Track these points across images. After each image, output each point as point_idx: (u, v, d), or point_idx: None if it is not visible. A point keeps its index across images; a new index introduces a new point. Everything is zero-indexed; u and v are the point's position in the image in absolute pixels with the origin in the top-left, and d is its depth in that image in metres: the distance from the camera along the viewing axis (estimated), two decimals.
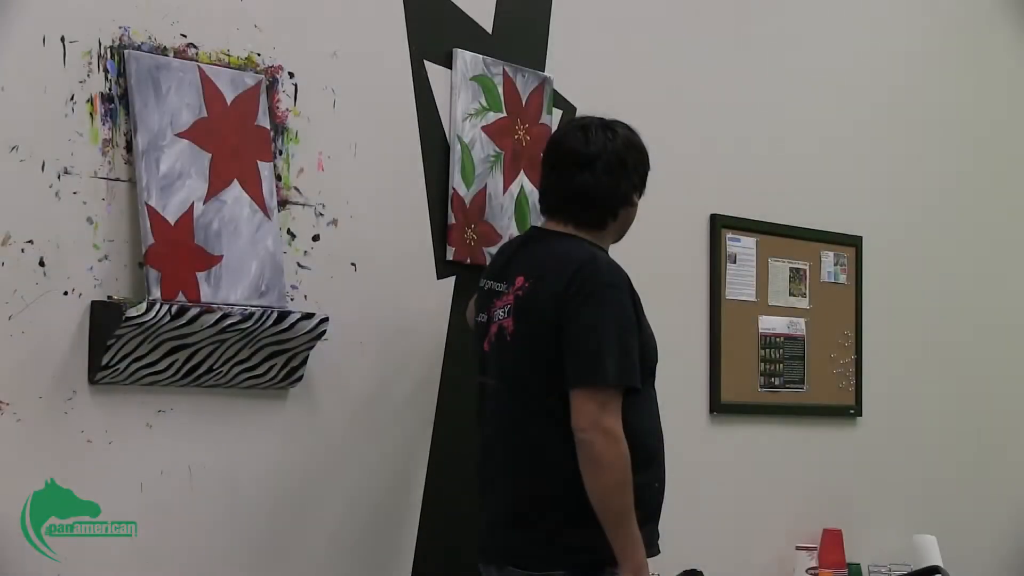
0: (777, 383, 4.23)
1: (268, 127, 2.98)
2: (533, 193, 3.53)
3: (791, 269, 4.29)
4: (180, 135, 2.81)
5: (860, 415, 4.51)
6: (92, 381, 2.71)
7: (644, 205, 3.06)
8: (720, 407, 4.04)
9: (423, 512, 3.30)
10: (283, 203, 3.02)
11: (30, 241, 2.64)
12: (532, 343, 2.82)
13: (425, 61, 3.34)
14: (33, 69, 2.66)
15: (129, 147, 2.76)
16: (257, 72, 2.98)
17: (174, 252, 2.76)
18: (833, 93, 4.51)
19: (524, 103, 3.54)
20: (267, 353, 2.93)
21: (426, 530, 3.30)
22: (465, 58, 3.40)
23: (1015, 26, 5.10)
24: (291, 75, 3.05)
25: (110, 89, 2.75)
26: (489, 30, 3.49)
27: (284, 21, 3.05)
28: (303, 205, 3.07)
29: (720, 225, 4.06)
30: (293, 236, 3.05)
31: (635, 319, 2.81)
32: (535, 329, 2.82)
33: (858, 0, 4.64)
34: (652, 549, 2.86)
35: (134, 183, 2.76)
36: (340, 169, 3.14)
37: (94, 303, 2.70)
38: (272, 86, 3.01)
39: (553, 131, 3.61)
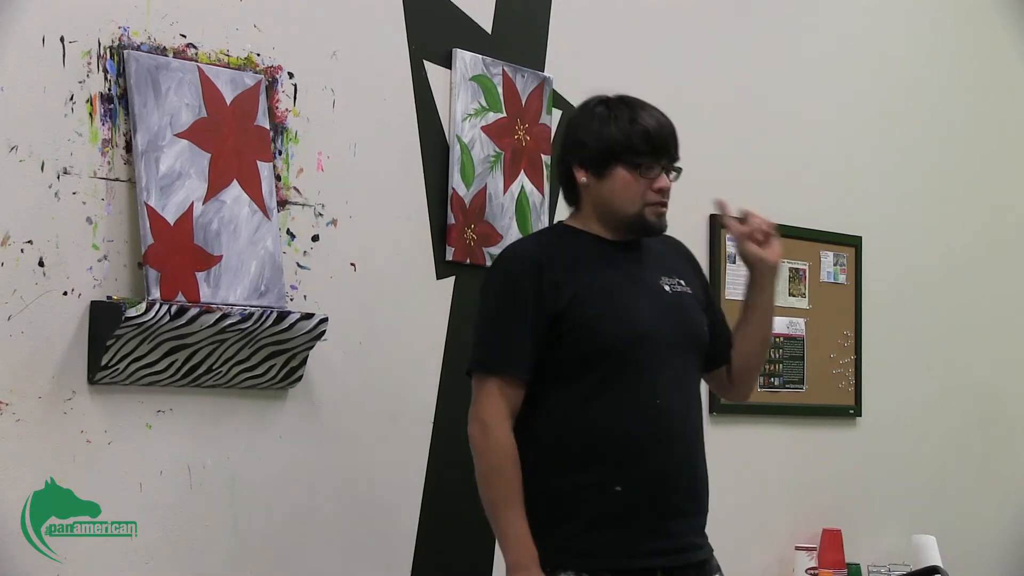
0: (777, 383, 4.23)
1: (268, 127, 2.98)
2: (534, 193, 3.54)
3: (790, 269, 4.29)
4: (179, 135, 2.81)
5: (860, 415, 4.51)
6: (92, 381, 2.71)
7: None
8: (720, 407, 4.03)
9: (423, 512, 3.30)
10: (283, 203, 3.03)
11: (29, 241, 2.64)
12: None
13: (424, 61, 3.34)
14: (33, 69, 2.66)
15: (129, 147, 2.76)
16: (256, 72, 2.98)
17: (173, 252, 2.76)
18: (833, 93, 4.51)
19: (524, 103, 3.54)
20: (266, 353, 2.93)
21: (426, 530, 3.30)
22: (464, 58, 3.40)
23: (1016, 24, 5.10)
24: (291, 75, 3.06)
25: (109, 89, 2.75)
26: (489, 30, 3.49)
27: (284, 21, 3.05)
28: (303, 205, 3.08)
29: (720, 225, 4.06)
30: (293, 236, 3.05)
31: (528, 301, 2.63)
32: None
33: (858, 1, 4.64)
34: (597, 559, 2.63)
35: (134, 183, 2.76)
36: (340, 169, 3.14)
37: (94, 303, 2.70)
38: (272, 86, 3.01)
39: (553, 131, 3.62)
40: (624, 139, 2.70)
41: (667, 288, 2.78)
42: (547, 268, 2.67)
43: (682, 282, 2.82)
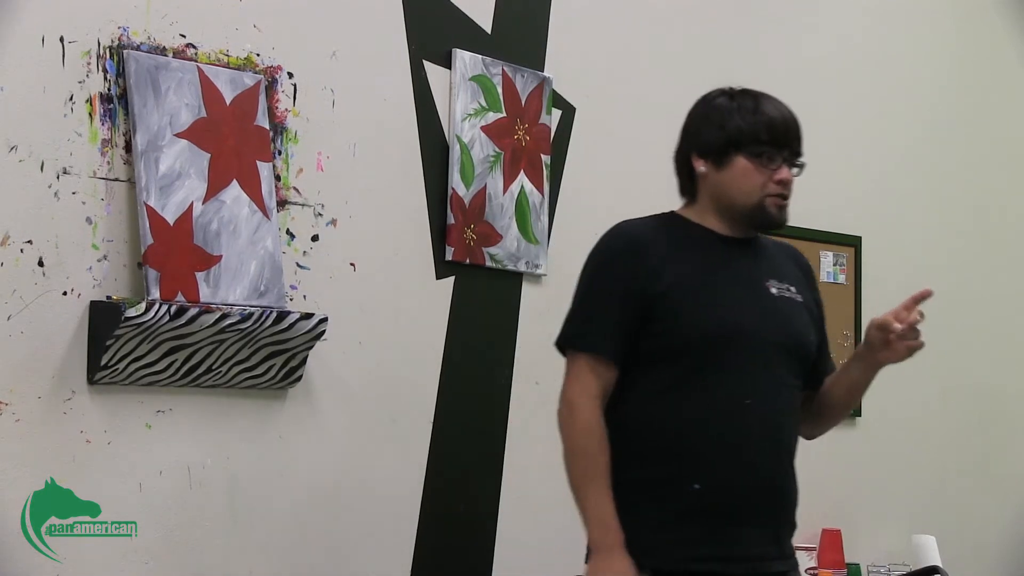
0: None
1: (267, 127, 2.98)
2: (533, 193, 3.54)
3: None
4: (179, 135, 2.81)
5: (859, 415, 4.51)
6: (91, 381, 2.71)
7: (642, 207, 3.03)
8: None
9: (423, 512, 3.30)
10: (282, 203, 3.03)
11: (29, 241, 2.64)
12: None
13: (424, 61, 3.34)
14: (32, 69, 2.66)
15: (128, 147, 2.76)
16: (256, 72, 2.98)
17: (173, 252, 2.76)
18: (833, 93, 4.51)
19: (523, 103, 3.54)
20: (266, 353, 2.93)
21: (426, 530, 3.30)
22: (464, 58, 3.40)
23: (1016, 24, 5.10)
24: (290, 75, 3.06)
25: (109, 89, 2.75)
26: (488, 30, 3.49)
27: (283, 21, 3.05)
28: (302, 205, 3.08)
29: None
30: (292, 236, 3.05)
31: (623, 281, 2.57)
32: None
33: (858, 1, 4.64)
34: (661, 558, 2.53)
35: (133, 183, 2.76)
36: (339, 169, 3.14)
37: (93, 303, 2.70)
38: (271, 86, 3.01)
39: (553, 131, 3.62)
40: (747, 128, 2.63)
41: (773, 291, 2.67)
42: (648, 251, 2.60)
43: (792, 289, 2.70)
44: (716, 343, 2.57)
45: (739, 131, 2.63)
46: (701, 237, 2.66)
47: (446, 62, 3.38)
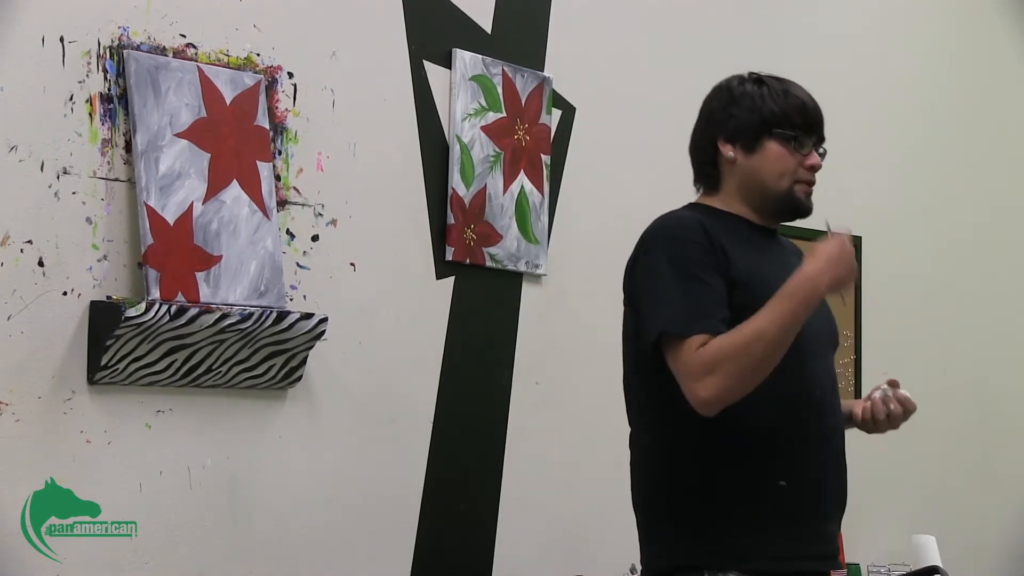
0: None
1: (267, 127, 2.98)
2: (533, 193, 3.54)
3: None
4: (179, 135, 2.81)
5: None
6: (91, 381, 2.71)
7: (642, 207, 3.03)
8: None
9: (423, 512, 3.30)
10: (282, 203, 3.03)
11: (29, 241, 2.64)
12: (623, 328, 2.57)
13: (424, 61, 3.34)
14: (32, 69, 2.66)
15: (128, 147, 2.76)
16: (256, 72, 2.98)
17: (173, 252, 2.76)
18: (832, 93, 4.50)
19: (523, 103, 3.54)
20: (266, 353, 2.93)
21: (426, 530, 3.30)
22: (464, 58, 3.40)
23: (1016, 24, 5.10)
24: (290, 75, 3.06)
25: (109, 89, 2.75)
26: (488, 30, 3.49)
27: (283, 21, 3.05)
28: (302, 205, 3.08)
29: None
30: (292, 236, 3.05)
31: (709, 259, 2.43)
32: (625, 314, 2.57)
33: (858, 1, 4.64)
34: (759, 560, 2.42)
35: (133, 183, 2.76)
36: (339, 169, 3.14)
37: (93, 303, 2.70)
38: (271, 86, 3.01)
39: (552, 131, 3.62)
40: (780, 111, 2.57)
41: None
42: (717, 236, 2.47)
43: None
44: None
45: (772, 114, 2.57)
46: (740, 225, 2.57)
47: (446, 62, 3.38)
